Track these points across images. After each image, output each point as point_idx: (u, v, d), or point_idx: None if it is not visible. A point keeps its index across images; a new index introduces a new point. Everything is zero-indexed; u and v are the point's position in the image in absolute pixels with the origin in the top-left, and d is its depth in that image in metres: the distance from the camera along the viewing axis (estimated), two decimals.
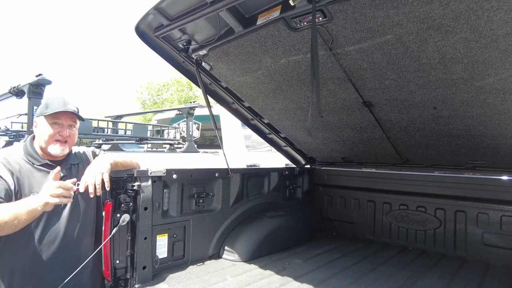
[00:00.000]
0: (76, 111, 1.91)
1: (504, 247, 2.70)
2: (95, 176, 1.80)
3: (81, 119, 1.96)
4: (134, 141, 5.29)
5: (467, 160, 2.74)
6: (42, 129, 1.85)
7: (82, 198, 1.92)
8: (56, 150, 1.84)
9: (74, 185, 1.70)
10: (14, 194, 1.72)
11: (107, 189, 1.86)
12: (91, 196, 1.80)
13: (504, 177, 2.74)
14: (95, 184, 1.78)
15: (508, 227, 2.70)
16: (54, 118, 1.84)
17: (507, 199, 2.70)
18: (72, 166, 1.97)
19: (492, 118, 2.10)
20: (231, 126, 5.33)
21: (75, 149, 2.09)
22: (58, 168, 1.71)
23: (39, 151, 1.88)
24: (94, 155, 2.14)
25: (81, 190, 1.76)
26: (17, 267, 1.73)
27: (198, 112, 5.51)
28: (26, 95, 3.60)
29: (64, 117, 1.87)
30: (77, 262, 1.80)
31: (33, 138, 1.92)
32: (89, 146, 5.16)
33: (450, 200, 2.97)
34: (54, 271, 1.79)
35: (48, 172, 1.81)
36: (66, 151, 1.91)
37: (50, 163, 1.86)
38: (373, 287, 2.27)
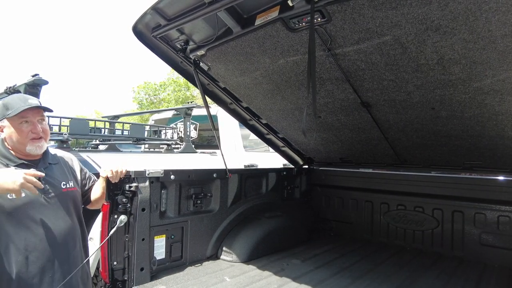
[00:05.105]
0: (39, 104, 1.81)
1: (501, 247, 2.72)
2: (122, 167, 2.03)
3: (48, 110, 1.86)
4: (131, 142, 5.27)
5: (464, 161, 2.75)
6: (12, 132, 1.75)
7: (67, 200, 1.88)
8: (34, 148, 1.77)
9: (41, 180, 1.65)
10: None
11: (122, 177, 2.08)
12: (114, 180, 2.04)
13: (501, 178, 2.75)
14: (118, 172, 2.01)
15: (505, 227, 2.71)
16: (21, 117, 1.75)
17: (504, 199, 2.72)
18: (50, 165, 1.90)
19: (489, 119, 2.11)
20: (229, 127, 5.31)
21: (55, 151, 2.03)
22: (33, 170, 1.64)
23: (14, 152, 1.79)
24: (79, 167, 2.07)
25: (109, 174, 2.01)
26: (3, 274, 1.67)
27: (195, 112, 5.48)
28: None
29: (31, 114, 1.77)
30: (65, 264, 1.77)
31: (5, 139, 1.82)
32: (86, 147, 5.15)
33: (448, 201, 2.98)
34: (42, 275, 1.75)
35: None
36: (44, 146, 1.84)
37: (26, 162, 1.79)
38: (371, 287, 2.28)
